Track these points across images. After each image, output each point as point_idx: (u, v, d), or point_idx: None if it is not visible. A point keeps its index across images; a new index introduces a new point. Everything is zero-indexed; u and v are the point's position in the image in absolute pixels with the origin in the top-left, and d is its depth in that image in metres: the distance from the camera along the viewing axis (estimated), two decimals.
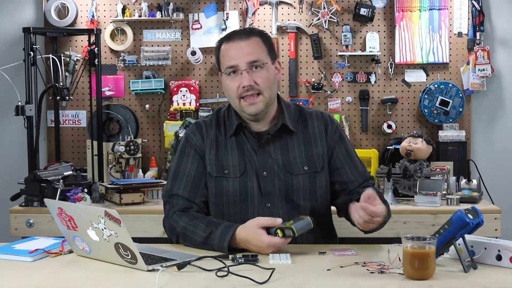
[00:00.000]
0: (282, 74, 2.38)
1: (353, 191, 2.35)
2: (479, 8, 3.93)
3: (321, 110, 2.45)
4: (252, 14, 3.98)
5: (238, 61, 2.25)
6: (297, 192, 2.30)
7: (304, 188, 2.31)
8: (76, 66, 4.05)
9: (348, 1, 4.01)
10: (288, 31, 3.97)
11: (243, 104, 2.27)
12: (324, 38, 4.02)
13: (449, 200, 3.39)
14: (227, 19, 3.99)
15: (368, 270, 1.90)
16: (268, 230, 2.08)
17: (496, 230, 3.27)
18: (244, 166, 2.30)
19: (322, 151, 2.35)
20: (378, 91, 4.04)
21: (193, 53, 3.96)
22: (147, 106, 4.07)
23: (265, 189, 2.30)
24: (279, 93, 2.42)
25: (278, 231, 2.06)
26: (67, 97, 3.71)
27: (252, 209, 2.29)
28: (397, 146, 3.75)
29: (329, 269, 1.91)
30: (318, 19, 3.98)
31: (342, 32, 3.98)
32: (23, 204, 3.41)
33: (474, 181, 3.59)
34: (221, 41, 2.35)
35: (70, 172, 3.51)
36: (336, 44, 4.02)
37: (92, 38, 3.83)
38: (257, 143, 2.32)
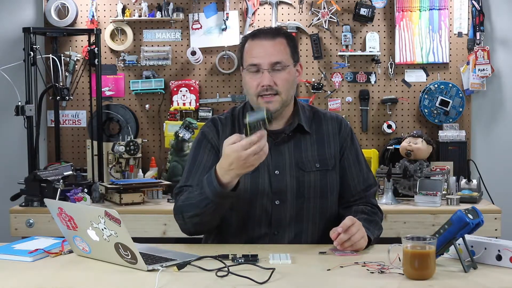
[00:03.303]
0: (299, 75, 2.41)
1: (351, 201, 2.39)
2: (479, 8, 3.93)
3: (335, 113, 2.50)
4: (252, 14, 3.98)
5: (260, 60, 2.27)
6: (308, 189, 2.32)
7: (315, 185, 2.33)
8: (76, 66, 4.05)
9: (348, 1, 4.01)
10: (288, 31, 3.97)
11: (260, 102, 2.29)
12: (324, 38, 4.02)
13: (449, 200, 3.39)
14: (227, 19, 3.99)
15: (368, 270, 1.90)
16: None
17: (496, 230, 3.27)
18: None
19: (334, 151, 2.38)
20: (378, 91, 4.04)
21: (193, 53, 3.96)
22: (147, 106, 4.07)
23: (276, 187, 2.30)
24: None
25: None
26: (67, 97, 3.71)
27: (261, 205, 2.30)
28: (397, 146, 3.75)
29: (329, 269, 1.91)
30: (318, 19, 3.98)
31: (342, 32, 3.98)
32: (23, 204, 3.41)
33: (474, 181, 3.59)
34: (246, 38, 2.36)
35: (70, 172, 3.51)
36: (336, 44, 4.02)
37: (92, 38, 3.83)
38: (272, 142, 2.33)
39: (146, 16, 4.00)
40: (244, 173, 2.09)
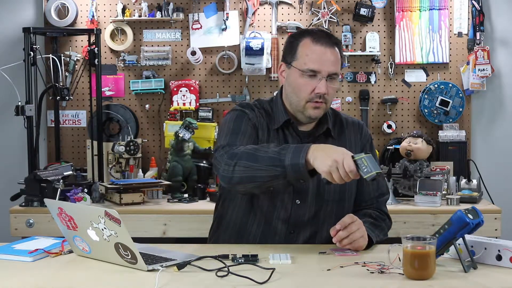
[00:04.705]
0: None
1: (362, 206, 2.40)
2: (479, 8, 3.93)
3: (356, 119, 2.50)
4: (252, 14, 3.98)
5: (322, 68, 2.25)
6: (328, 192, 2.32)
7: (335, 189, 2.32)
8: (76, 66, 4.05)
9: (348, 1, 4.01)
10: (288, 31, 3.97)
11: (308, 106, 2.28)
12: None
13: (449, 200, 3.40)
14: (227, 19, 3.99)
15: (368, 270, 1.90)
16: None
17: (496, 230, 3.27)
18: None
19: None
20: (378, 91, 4.04)
21: (193, 53, 3.96)
22: (147, 106, 4.07)
23: (298, 187, 2.29)
24: None
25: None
26: (67, 97, 3.71)
27: (282, 203, 2.29)
28: (397, 146, 3.76)
29: (329, 269, 1.91)
30: (318, 19, 3.98)
31: (342, 32, 3.98)
32: (23, 204, 3.41)
33: (474, 181, 3.59)
34: (303, 35, 2.31)
35: (70, 172, 3.51)
36: None
37: (92, 38, 3.83)
38: (299, 142, 2.34)
39: (146, 16, 4.00)
40: (318, 164, 2.00)
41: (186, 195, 3.63)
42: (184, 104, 4.01)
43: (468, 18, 3.98)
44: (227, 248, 2.13)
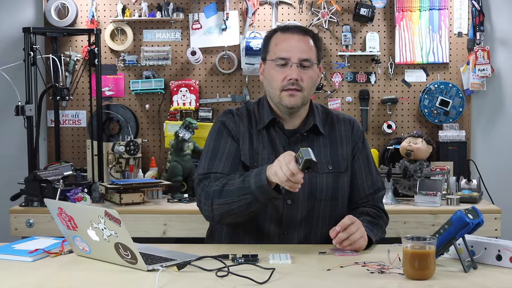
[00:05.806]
0: (320, 78, 2.42)
1: (358, 203, 2.40)
2: (479, 8, 3.93)
3: (348, 115, 2.50)
4: (252, 14, 3.98)
5: (291, 55, 2.29)
6: (320, 190, 2.33)
7: (327, 187, 2.33)
8: (76, 66, 4.05)
9: (348, 1, 4.01)
10: None
11: (283, 95, 2.30)
12: (324, 38, 4.02)
13: (449, 200, 3.39)
14: (227, 19, 3.99)
15: (368, 270, 1.91)
16: None
17: (496, 230, 3.27)
18: (273, 162, 2.29)
19: (346, 153, 2.39)
20: (378, 91, 4.04)
21: (193, 53, 3.96)
22: (147, 106, 4.07)
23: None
24: None
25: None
26: (67, 97, 3.71)
27: (273, 204, 2.29)
28: (397, 146, 3.76)
29: (329, 269, 1.92)
30: (318, 19, 3.98)
31: (342, 32, 3.98)
32: (23, 204, 3.41)
33: (474, 181, 3.59)
34: (275, 30, 2.38)
35: (70, 172, 3.51)
36: (336, 44, 4.02)
37: (92, 38, 3.83)
38: (286, 141, 2.35)
39: (146, 16, 3.99)
40: (270, 173, 2.10)
41: (186, 195, 3.63)
42: (184, 104, 4.01)
43: (468, 18, 3.98)
44: (227, 248, 2.14)
